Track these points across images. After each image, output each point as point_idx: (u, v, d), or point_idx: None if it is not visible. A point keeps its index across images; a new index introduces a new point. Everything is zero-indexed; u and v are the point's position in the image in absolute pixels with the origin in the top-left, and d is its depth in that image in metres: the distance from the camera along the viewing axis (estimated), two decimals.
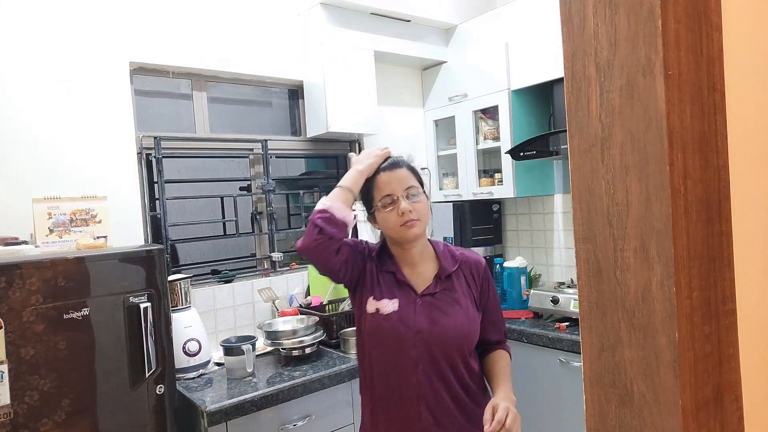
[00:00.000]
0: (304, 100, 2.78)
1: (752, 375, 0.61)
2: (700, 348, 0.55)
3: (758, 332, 0.62)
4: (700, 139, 0.55)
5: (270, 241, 2.66)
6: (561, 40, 0.61)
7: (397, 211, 1.35)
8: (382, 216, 1.38)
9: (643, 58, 0.53)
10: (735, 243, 0.59)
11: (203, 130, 2.53)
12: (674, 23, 0.53)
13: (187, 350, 2.03)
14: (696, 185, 0.54)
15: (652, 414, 0.55)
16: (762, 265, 0.63)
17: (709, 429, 0.56)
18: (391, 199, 1.36)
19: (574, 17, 0.59)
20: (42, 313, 1.48)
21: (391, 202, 1.36)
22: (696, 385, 0.54)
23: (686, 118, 0.54)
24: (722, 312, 0.58)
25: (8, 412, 1.42)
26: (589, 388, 0.62)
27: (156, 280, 1.72)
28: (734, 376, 0.59)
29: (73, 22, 2.05)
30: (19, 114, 1.94)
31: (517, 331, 2.43)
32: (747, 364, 0.60)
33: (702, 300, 0.55)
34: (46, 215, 1.85)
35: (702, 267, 0.55)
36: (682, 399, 0.52)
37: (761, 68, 0.62)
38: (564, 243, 2.96)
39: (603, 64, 0.57)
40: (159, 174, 2.29)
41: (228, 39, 2.47)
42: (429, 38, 3.04)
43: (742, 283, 0.60)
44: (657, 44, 0.52)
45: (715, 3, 0.57)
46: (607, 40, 0.56)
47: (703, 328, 0.55)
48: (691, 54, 0.54)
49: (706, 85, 0.56)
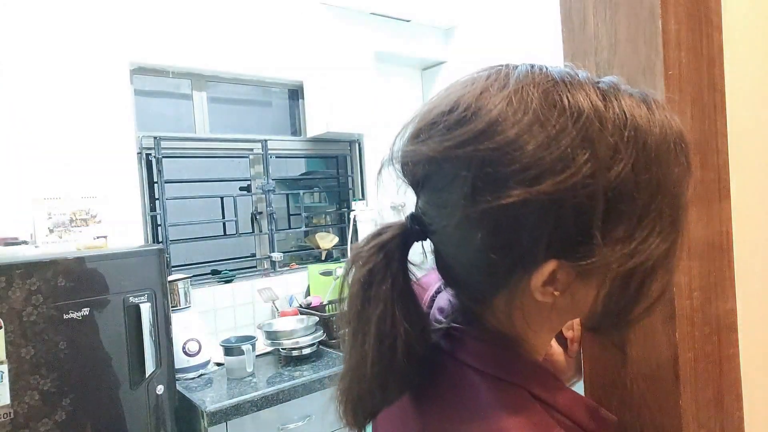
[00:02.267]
0: (304, 100, 2.78)
1: (752, 375, 0.61)
2: (700, 348, 0.55)
3: (758, 332, 0.62)
4: (700, 139, 0.55)
5: (270, 241, 2.66)
6: (561, 39, 0.61)
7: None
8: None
9: (643, 58, 0.53)
10: (735, 243, 0.59)
11: (203, 130, 2.53)
12: (674, 23, 0.53)
13: (186, 350, 2.03)
14: (696, 185, 0.54)
15: (652, 414, 0.55)
16: (762, 265, 0.63)
17: (709, 429, 0.56)
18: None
19: (574, 17, 0.59)
20: (42, 313, 1.48)
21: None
22: (696, 385, 0.54)
23: (686, 118, 0.54)
24: (722, 312, 0.58)
25: (8, 412, 1.42)
26: (589, 388, 0.62)
27: (156, 280, 1.72)
28: (734, 376, 0.59)
29: (72, 22, 2.05)
30: (19, 114, 1.94)
31: None
32: (747, 364, 0.60)
33: (702, 300, 0.55)
34: (46, 215, 1.85)
35: (702, 267, 0.55)
36: (682, 399, 0.52)
37: (761, 68, 0.62)
38: None
39: (603, 64, 0.57)
40: (159, 174, 2.28)
41: (228, 39, 2.47)
42: (429, 38, 3.04)
43: (742, 283, 0.60)
44: (657, 44, 0.52)
45: (715, 3, 0.57)
46: (607, 40, 0.56)
47: (703, 328, 0.55)
48: (691, 54, 0.54)
49: (706, 85, 0.56)
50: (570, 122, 0.39)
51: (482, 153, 0.40)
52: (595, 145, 0.39)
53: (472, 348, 0.49)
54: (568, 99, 0.40)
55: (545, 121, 0.39)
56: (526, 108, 0.39)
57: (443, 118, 0.43)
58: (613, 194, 0.39)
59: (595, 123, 0.39)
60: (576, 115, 0.39)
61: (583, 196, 0.39)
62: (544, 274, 0.42)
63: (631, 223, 0.41)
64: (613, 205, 0.40)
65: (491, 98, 0.41)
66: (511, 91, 0.41)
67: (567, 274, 0.42)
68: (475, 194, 0.40)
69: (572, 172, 0.38)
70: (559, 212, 0.39)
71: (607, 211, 0.40)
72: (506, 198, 0.39)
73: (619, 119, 0.40)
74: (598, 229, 0.40)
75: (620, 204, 0.40)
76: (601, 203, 0.39)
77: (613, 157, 0.39)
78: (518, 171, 0.39)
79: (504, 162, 0.39)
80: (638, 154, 0.40)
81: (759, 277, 0.63)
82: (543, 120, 0.39)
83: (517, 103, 0.40)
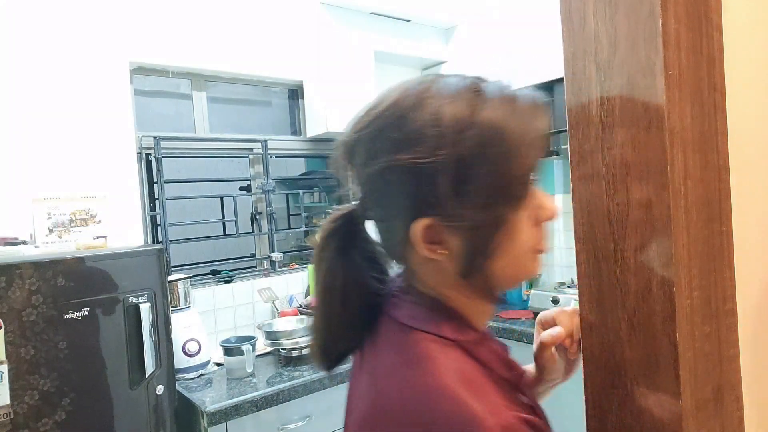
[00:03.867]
0: (304, 100, 2.78)
1: (752, 375, 0.61)
2: (700, 348, 0.55)
3: (758, 332, 0.62)
4: (700, 139, 0.55)
5: (270, 241, 2.66)
6: (561, 39, 0.61)
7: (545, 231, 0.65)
8: (523, 228, 0.59)
9: (643, 58, 0.53)
10: (735, 243, 0.59)
11: (203, 130, 2.53)
12: (674, 23, 0.53)
13: (186, 350, 2.03)
14: (696, 185, 0.54)
15: (652, 414, 0.55)
16: (762, 265, 0.63)
17: (709, 429, 0.56)
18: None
19: (574, 17, 0.59)
20: (42, 313, 1.48)
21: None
22: (696, 386, 0.54)
23: (686, 118, 0.54)
24: (722, 312, 0.58)
25: (8, 412, 1.42)
26: (589, 388, 0.62)
27: (156, 280, 1.72)
28: (734, 376, 0.59)
29: (72, 22, 2.05)
30: (19, 114, 1.94)
31: (517, 331, 2.43)
32: (747, 364, 0.60)
33: (702, 300, 0.55)
34: (46, 215, 1.85)
35: (702, 267, 0.55)
36: (682, 399, 0.52)
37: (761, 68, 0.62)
38: (564, 243, 2.96)
39: (603, 64, 0.57)
40: (159, 174, 2.28)
41: (228, 39, 2.47)
42: (429, 38, 3.04)
43: (742, 283, 0.60)
44: (657, 44, 0.52)
45: (715, 3, 0.57)
46: (607, 40, 0.56)
47: (703, 328, 0.55)
48: (691, 54, 0.54)
49: (706, 85, 0.56)
50: (427, 117, 0.53)
51: (371, 132, 0.56)
52: (443, 130, 0.52)
53: (407, 309, 0.60)
54: (431, 103, 0.54)
55: (410, 115, 0.54)
56: (403, 104, 0.55)
57: (366, 110, 0.59)
58: (460, 167, 0.52)
59: (446, 117, 0.52)
60: (436, 115, 0.53)
61: (436, 166, 0.52)
62: (421, 227, 0.54)
63: (478, 190, 0.53)
64: (462, 176, 0.52)
65: (390, 93, 0.57)
66: (402, 92, 0.56)
67: (438, 231, 0.55)
68: (368, 161, 0.56)
69: (424, 147, 0.52)
70: (419, 177, 0.53)
71: (458, 179, 0.52)
72: (378, 164, 0.55)
73: (465, 117, 0.52)
74: (453, 192, 0.52)
75: (468, 174, 0.52)
76: (451, 173, 0.52)
77: (459, 140, 0.52)
78: (388, 146, 0.54)
79: (381, 138, 0.55)
80: (482, 141, 0.52)
81: (759, 277, 0.63)
82: (409, 114, 0.54)
83: (399, 100, 0.55)
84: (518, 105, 0.55)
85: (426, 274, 0.60)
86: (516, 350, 2.16)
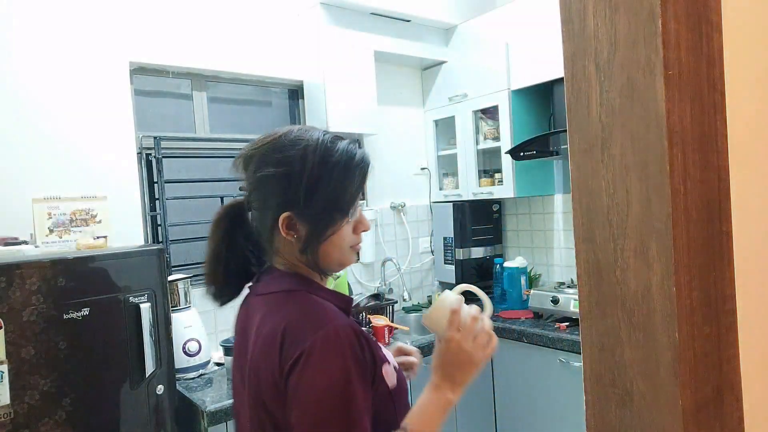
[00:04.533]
0: (304, 99, 2.78)
1: (752, 375, 0.61)
2: (700, 348, 0.55)
3: (758, 332, 0.62)
4: (700, 139, 0.55)
5: None
6: (561, 39, 0.61)
7: (360, 237, 0.97)
8: (345, 231, 0.92)
9: (643, 58, 0.53)
10: (735, 243, 0.59)
11: (203, 130, 2.53)
12: (674, 23, 0.53)
13: (187, 350, 2.03)
14: (696, 185, 0.54)
15: (652, 414, 0.55)
16: (762, 265, 0.63)
17: (709, 429, 0.56)
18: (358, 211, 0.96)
19: (574, 17, 0.59)
20: (42, 313, 1.48)
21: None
22: (696, 385, 0.54)
23: (686, 118, 0.54)
24: (722, 312, 0.58)
25: (8, 412, 1.42)
26: (589, 388, 0.62)
27: (156, 280, 1.72)
28: (734, 376, 0.59)
29: (73, 22, 2.05)
30: (19, 114, 1.94)
31: (517, 331, 2.43)
32: (747, 364, 0.60)
33: (702, 300, 0.55)
34: (46, 215, 1.85)
35: (702, 267, 0.55)
36: (682, 399, 0.52)
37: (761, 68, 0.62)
38: (564, 243, 2.96)
39: (603, 64, 0.57)
40: (159, 174, 2.28)
41: (228, 39, 2.47)
42: (429, 38, 3.04)
43: (742, 283, 0.60)
44: (657, 44, 0.52)
45: (715, 3, 0.57)
46: (607, 40, 0.56)
47: (703, 328, 0.55)
48: (691, 54, 0.54)
49: (706, 85, 0.56)
50: (298, 149, 0.88)
51: (263, 150, 0.91)
52: (294, 155, 0.88)
53: (271, 280, 0.94)
54: (302, 142, 0.89)
55: (289, 145, 0.90)
56: (287, 138, 0.91)
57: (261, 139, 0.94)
58: (312, 182, 0.87)
59: (309, 152, 0.88)
60: (304, 150, 0.88)
61: (299, 180, 0.87)
62: (284, 218, 0.87)
63: (321, 199, 0.87)
64: (313, 188, 0.87)
65: (283, 129, 0.93)
66: (288, 130, 0.92)
67: (294, 221, 0.88)
68: (257, 169, 0.90)
69: (292, 167, 0.87)
70: (287, 185, 0.87)
71: (310, 190, 0.87)
72: (263, 172, 0.89)
73: (320, 155, 0.88)
74: (306, 197, 0.87)
75: (317, 188, 0.87)
76: (306, 185, 0.86)
77: (304, 162, 0.87)
78: (272, 161, 0.89)
79: (268, 156, 0.90)
80: (321, 163, 0.87)
81: (759, 277, 0.63)
82: (288, 145, 0.90)
83: (285, 134, 0.92)
84: (354, 157, 0.91)
85: (284, 251, 0.92)
86: (516, 350, 2.14)
